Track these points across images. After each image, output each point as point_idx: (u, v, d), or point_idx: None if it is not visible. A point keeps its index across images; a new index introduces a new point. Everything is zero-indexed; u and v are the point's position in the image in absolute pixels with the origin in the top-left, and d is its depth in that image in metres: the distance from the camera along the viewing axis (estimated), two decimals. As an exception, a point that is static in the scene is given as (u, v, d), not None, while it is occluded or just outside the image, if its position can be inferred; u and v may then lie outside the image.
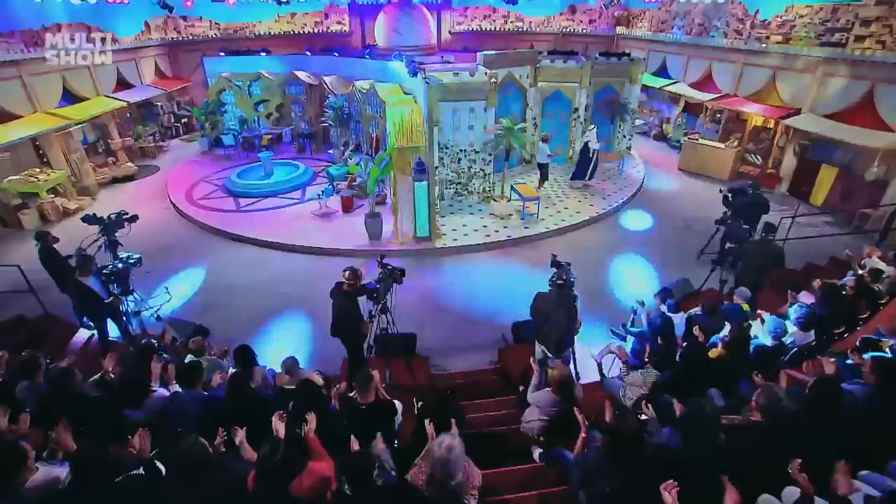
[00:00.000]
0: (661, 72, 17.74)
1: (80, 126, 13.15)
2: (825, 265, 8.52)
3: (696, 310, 6.00)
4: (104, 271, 5.69)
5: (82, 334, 6.33)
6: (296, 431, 2.89)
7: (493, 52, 11.53)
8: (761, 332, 4.78)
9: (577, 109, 13.23)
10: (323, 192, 10.79)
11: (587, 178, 12.21)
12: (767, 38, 13.25)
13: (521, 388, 5.32)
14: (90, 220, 7.03)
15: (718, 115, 14.87)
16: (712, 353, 4.33)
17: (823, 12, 11.81)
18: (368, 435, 3.28)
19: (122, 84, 15.62)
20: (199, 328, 6.60)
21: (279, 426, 2.86)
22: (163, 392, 3.69)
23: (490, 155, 10.94)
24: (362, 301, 5.30)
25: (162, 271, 8.04)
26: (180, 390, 3.70)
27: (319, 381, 4.82)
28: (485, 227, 10.31)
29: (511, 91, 12.32)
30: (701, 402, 3.00)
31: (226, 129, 15.83)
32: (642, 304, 5.62)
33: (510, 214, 10.65)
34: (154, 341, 4.91)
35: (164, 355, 4.37)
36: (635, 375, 4.31)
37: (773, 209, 8.59)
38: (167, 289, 7.88)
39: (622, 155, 14.20)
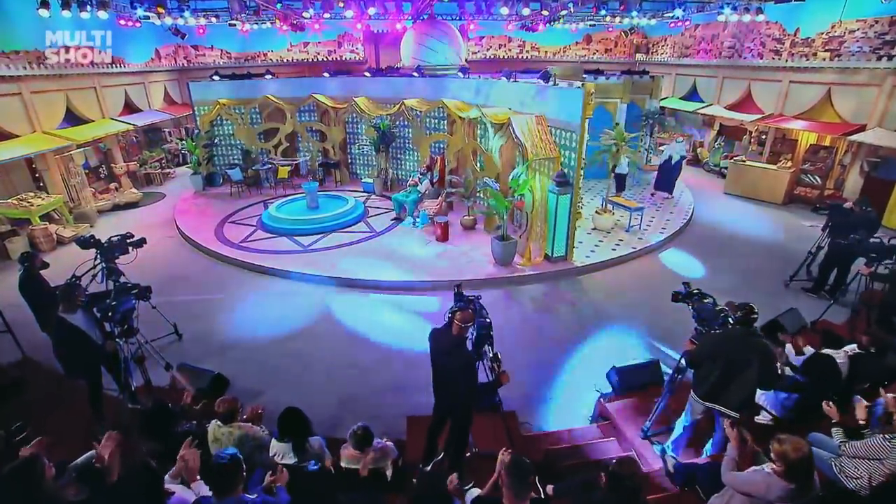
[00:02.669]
0: (691, 95, 17.14)
1: (82, 149, 12.12)
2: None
3: (849, 347, 4.76)
4: (102, 305, 4.38)
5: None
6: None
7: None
8: None
9: (618, 124, 12.52)
10: (417, 220, 9.57)
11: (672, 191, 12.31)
12: (814, 54, 12.64)
13: (666, 458, 3.94)
14: (86, 242, 5.82)
15: (763, 137, 14.04)
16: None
17: (879, 25, 11.19)
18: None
19: (130, 108, 14.77)
20: (219, 378, 5.23)
21: None
22: (183, 497, 2.30)
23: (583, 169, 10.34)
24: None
25: (169, 307, 6.70)
26: (209, 494, 2.32)
27: (394, 452, 3.49)
28: (601, 241, 9.69)
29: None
30: None
31: (217, 164, 13.96)
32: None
33: (612, 228, 10.24)
34: (163, 401, 3.55)
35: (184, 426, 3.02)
36: (871, 443, 2.98)
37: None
38: (175, 327, 6.52)
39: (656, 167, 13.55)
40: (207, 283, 8.49)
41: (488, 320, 3.52)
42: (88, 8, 10.67)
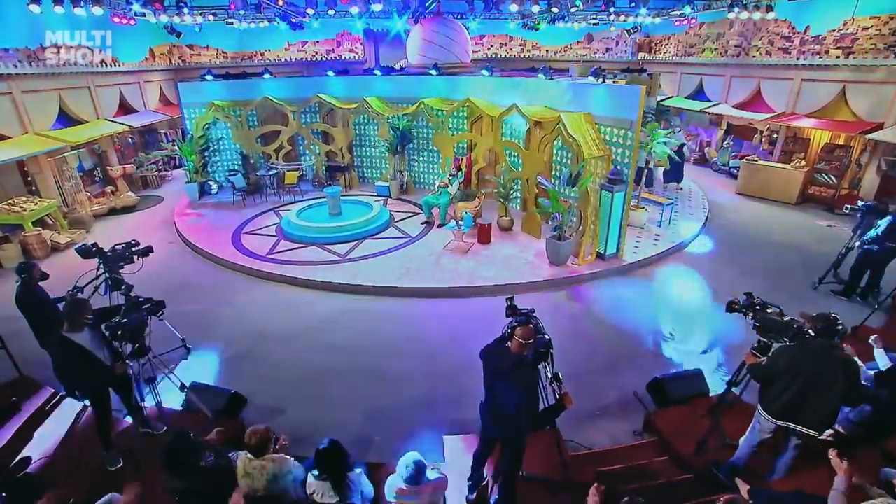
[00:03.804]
0: (698, 94, 16.94)
1: (75, 151, 11.63)
2: None
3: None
4: (110, 322, 3.98)
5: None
6: None
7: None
8: None
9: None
10: (462, 222, 9.21)
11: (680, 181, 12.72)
12: (826, 52, 12.46)
13: (737, 482, 3.63)
14: (88, 252, 5.41)
15: (775, 136, 13.86)
16: None
17: (895, 22, 11.03)
18: None
19: (125, 108, 14.26)
20: (235, 397, 4.84)
21: None
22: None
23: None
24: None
25: (175, 319, 6.28)
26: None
27: (447, 484, 3.15)
28: (639, 238, 9.72)
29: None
30: None
31: (213, 170, 13.17)
32: None
33: (645, 223, 10.26)
34: (183, 429, 3.16)
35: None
36: None
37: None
38: (184, 341, 6.12)
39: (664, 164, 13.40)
40: (215, 292, 8.06)
41: (547, 337, 3.18)
42: (82, 4, 10.25)
